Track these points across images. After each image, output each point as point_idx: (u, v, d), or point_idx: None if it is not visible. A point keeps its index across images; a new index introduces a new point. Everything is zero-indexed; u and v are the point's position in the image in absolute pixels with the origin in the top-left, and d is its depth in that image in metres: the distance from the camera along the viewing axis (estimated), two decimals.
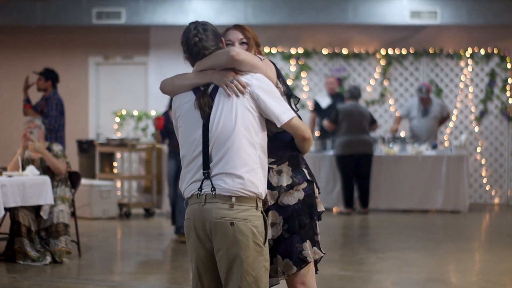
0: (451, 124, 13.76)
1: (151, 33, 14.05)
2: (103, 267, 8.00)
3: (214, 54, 3.79)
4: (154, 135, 12.12)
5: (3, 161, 9.62)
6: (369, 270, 7.71)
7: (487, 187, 13.77)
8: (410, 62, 13.86)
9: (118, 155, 12.77)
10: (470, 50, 13.74)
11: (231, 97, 3.72)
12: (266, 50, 13.58)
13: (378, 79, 13.89)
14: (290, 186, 3.92)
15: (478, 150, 13.79)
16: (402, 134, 13.52)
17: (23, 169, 8.12)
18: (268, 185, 3.85)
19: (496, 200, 13.76)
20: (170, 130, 9.32)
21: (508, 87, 13.67)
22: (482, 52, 13.69)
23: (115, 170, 12.68)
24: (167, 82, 3.92)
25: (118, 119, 13.84)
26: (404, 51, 13.81)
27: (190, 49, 3.80)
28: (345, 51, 13.87)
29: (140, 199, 12.69)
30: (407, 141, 12.64)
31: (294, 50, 13.83)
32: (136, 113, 13.83)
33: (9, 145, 13.22)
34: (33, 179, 7.88)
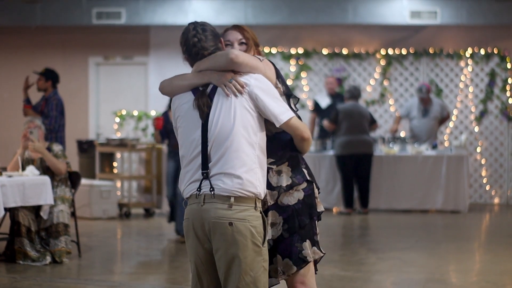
0: (451, 124, 13.76)
1: (151, 33, 14.05)
2: (103, 267, 8.00)
3: (213, 55, 3.79)
4: (154, 135, 12.13)
5: (3, 161, 9.62)
6: (369, 270, 7.70)
7: (487, 187, 13.77)
8: (410, 62, 13.85)
9: (118, 155, 12.77)
10: (470, 50, 13.74)
11: (230, 97, 3.72)
12: (266, 50, 13.58)
13: (378, 79, 13.89)
14: (290, 186, 3.91)
15: (478, 150, 13.78)
16: (402, 134, 13.52)
17: (23, 169, 8.12)
18: (267, 185, 3.85)
19: (496, 200, 13.76)
20: (169, 130, 9.33)
21: (508, 87, 13.66)
22: (482, 52, 13.69)
23: (115, 170, 12.68)
24: (166, 83, 3.93)
25: (118, 119, 13.84)
26: (404, 51, 13.80)
27: (189, 49, 3.80)
28: (345, 51, 13.87)
29: (140, 199, 12.69)
30: (407, 141, 12.63)
31: (294, 50, 13.83)
32: (136, 113, 13.84)
33: (9, 145, 13.23)
34: (33, 179, 7.88)
